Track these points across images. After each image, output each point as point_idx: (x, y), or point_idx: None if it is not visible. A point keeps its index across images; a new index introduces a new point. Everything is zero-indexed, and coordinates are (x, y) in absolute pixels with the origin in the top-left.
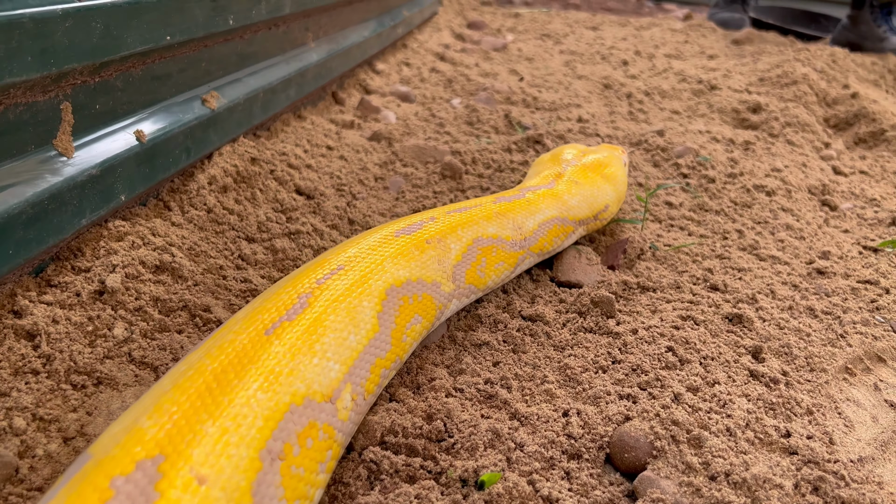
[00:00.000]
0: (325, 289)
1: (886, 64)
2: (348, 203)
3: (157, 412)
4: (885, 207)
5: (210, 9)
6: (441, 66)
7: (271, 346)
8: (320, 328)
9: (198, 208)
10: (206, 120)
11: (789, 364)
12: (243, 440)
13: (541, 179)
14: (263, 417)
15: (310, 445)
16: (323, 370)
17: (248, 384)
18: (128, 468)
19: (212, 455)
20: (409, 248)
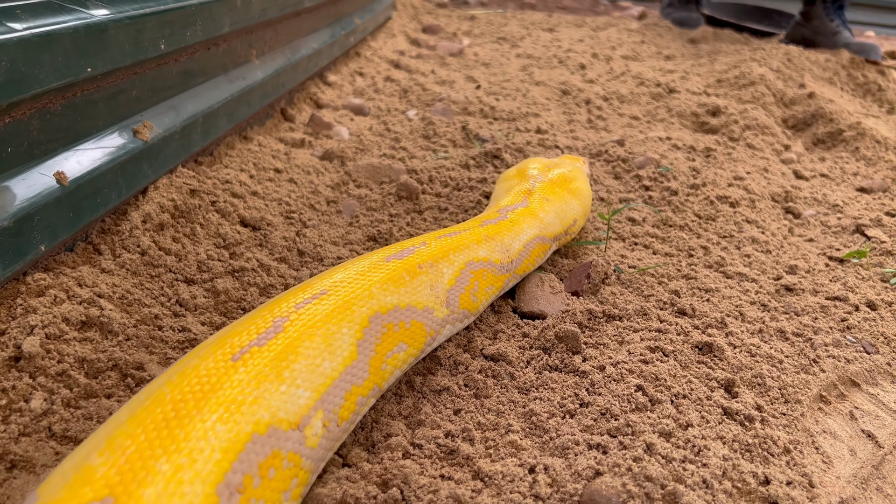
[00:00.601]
0: (303, 314)
1: (840, 60)
2: (298, 232)
3: (109, 448)
4: (847, 213)
5: (136, 35)
6: (396, 74)
7: (235, 374)
8: (292, 354)
9: (131, 251)
10: (138, 153)
11: (763, 396)
12: (199, 476)
13: (513, 197)
14: (222, 450)
15: (272, 476)
16: (290, 397)
17: (207, 415)
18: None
19: (164, 495)
20: (399, 274)
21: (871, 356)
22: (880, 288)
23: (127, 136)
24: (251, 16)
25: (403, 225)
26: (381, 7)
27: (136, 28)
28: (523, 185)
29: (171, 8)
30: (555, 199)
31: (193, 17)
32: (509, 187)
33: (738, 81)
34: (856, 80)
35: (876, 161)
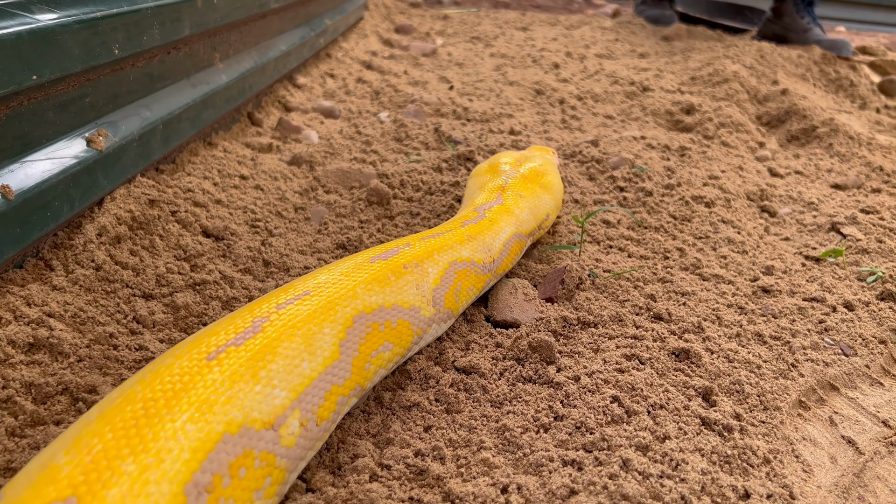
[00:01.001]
0: (283, 314)
1: (812, 56)
2: (263, 241)
3: (75, 447)
4: (822, 211)
5: (88, 40)
6: (368, 75)
7: (209, 373)
8: (270, 354)
9: (85, 266)
10: (92, 163)
11: (742, 404)
12: (166, 476)
13: (488, 194)
14: (191, 449)
15: (243, 475)
16: (265, 397)
17: (178, 415)
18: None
19: (129, 495)
20: (384, 274)
21: (850, 358)
22: (857, 287)
23: (80, 146)
24: (214, 18)
25: (374, 231)
26: (353, 7)
27: (86, 33)
28: (496, 180)
29: (124, 11)
30: (528, 194)
31: (150, 21)
32: (482, 183)
33: (712, 79)
34: (828, 76)
35: (849, 157)
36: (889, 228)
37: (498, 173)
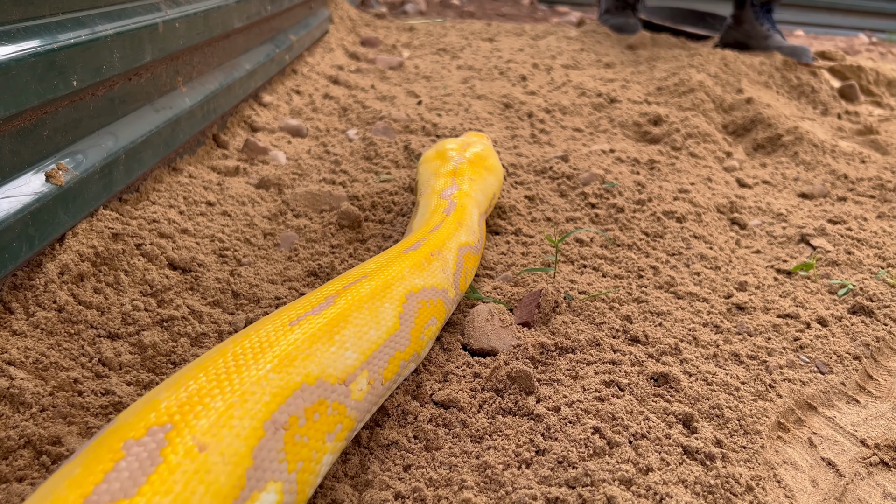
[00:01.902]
0: (350, 293)
1: (774, 62)
2: (232, 272)
3: (175, 387)
4: (791, 223)
5: (43, 73)
6: (335, 90)
7: (291, 334)
8: (342, 322)
9: (46, 308)
10: (52, 199)
11: (722, 429)
12: (248, 413)
13: (444, 181)
14: (271, 394)
15: (316, 419)
16: (339, 357)
17: (262, 365)
18: (140, 433)
19: (215, 426)
20: (419, 261)
21: (826, 376)
22: (829, 301)
23: (39, 182)
24: (176, 42)
25: (346, 256)
26: (318, 21)
27: (42, 65)
28: (447, 166)
29: (82, 41)
30: (478, 178)
31: (109, 49)
32: (435, 169)
33: (678, 89)
34: (790, 83)
35: (815, 165)
36: (857, 239)
37: (447, 159)
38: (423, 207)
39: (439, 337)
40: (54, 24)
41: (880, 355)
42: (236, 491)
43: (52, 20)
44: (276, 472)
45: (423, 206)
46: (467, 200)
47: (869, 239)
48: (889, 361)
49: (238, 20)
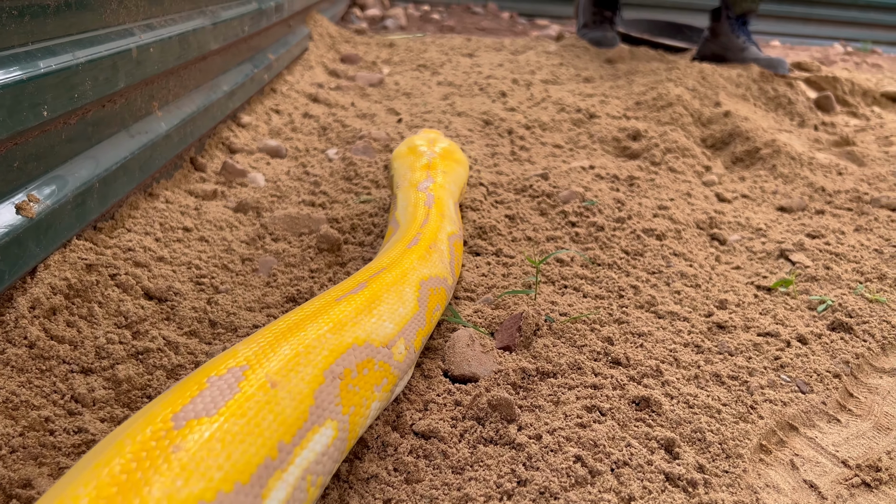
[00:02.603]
0: (376, 280)
1: (750, 74)
2: (209, 300)
3: (250, 341)
4: (770, 237)
5: (11, 105)
6: (315, 109)
7: (339, 307)
8: (377, 301)
9: (17, 344)
10: (22, 232)
11: (704, 454)
12: (311, 363)
13: (419, 173)
14: (329, 350)
15: (366, 373)
16: (380, 326)
17: (322, 327)
18: (221, 371)
19: (284, 369)
20: (423, 254)
21: (807, 395)
22: (809, 318)
23: (9, 214)
24: (150, 67)
25: (325, 281)
26: (297, 39)
27: (9, 98)
28: (421, 160)
29: (52, 70)
30: (450, 171)
31: (80, 77)
32: (410, 164)
33: (657, 103)
34: (767, 95)
35: (793, 178)
36: (835, 253)
37: (419, 154)
38: (404, 200)
39: (420, 363)
40: (24, 53)
41: (860, 372)
42: (300, 422)
43: (22, 50)
44: (333, 412)
45: (402, 199)
46: (443, 192)
47: (847, 253)
48: (869, 378)
49: (215, 42)
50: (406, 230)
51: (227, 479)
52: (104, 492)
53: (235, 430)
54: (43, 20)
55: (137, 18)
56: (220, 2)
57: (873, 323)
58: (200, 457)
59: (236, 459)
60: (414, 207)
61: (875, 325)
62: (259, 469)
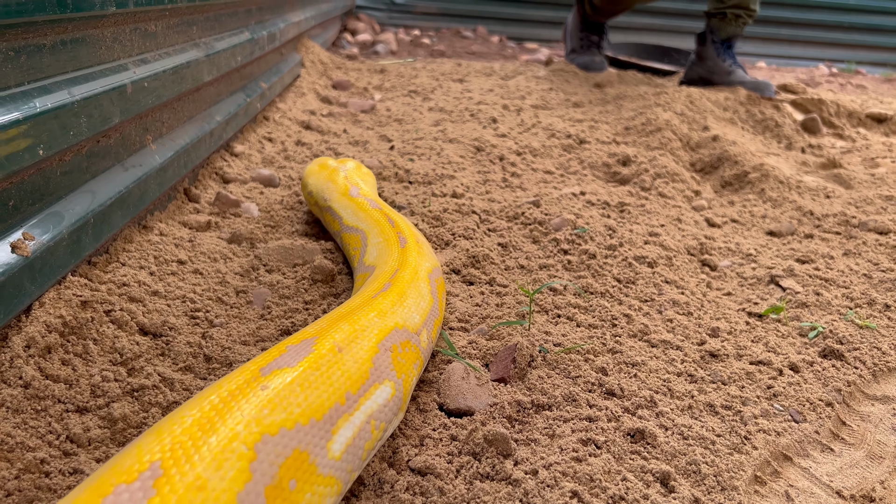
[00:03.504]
0: (398, 279)
1: (738, 97)
2: (204, 334)
3: (316, 324)
4: (760, 263)
5: (6, 146)
6: (307, 136)
7: (376, 301)
8: (403, 297)
9: (12, 385)
10: (18, 271)
11: (699, 486)
12: (366, 337)
13: (345, 184)
14: (379, 329)
15: (406, 350)
16: (410, 317)
17: (369, 313)
18: (296, 343)
19: (346, 339)
20: (418, 249)
21: (800, 425)
22: (800, 345)
23: (4, 254)
24: (145, 101)
25: (319, 313)
26: (289, 67)
27: (5, 138)
28: (338, 174)
29: (48, 109)
30: (366, 182)
31: (76, 115)
32: (328, 176)
33: (646, 128)
34: (754, 118)
35: (781, 202)
36: (824, 279)
37: (333, 169)
38: (346, 208)
39: (415, 396)
40: (20, 94)
41: (852, 400)
42: (363, 380)
43: (19, 90)
44: (389, 375)
45: (342, 206)
46: (372, 195)
47: (836, 279)
48: (861, 406)
49: (208, 74)
50: (382, 234)
51: (303, 415)
52: (206, 413)
53: (312, 379)
54: (39, 59)
55: (132, 53)
56: (213, 33)
57: (864, 349)
58: (283, 395)
59: (312, 401)
60: (364, 212)
61: (866, 352)
62: (330, 411)
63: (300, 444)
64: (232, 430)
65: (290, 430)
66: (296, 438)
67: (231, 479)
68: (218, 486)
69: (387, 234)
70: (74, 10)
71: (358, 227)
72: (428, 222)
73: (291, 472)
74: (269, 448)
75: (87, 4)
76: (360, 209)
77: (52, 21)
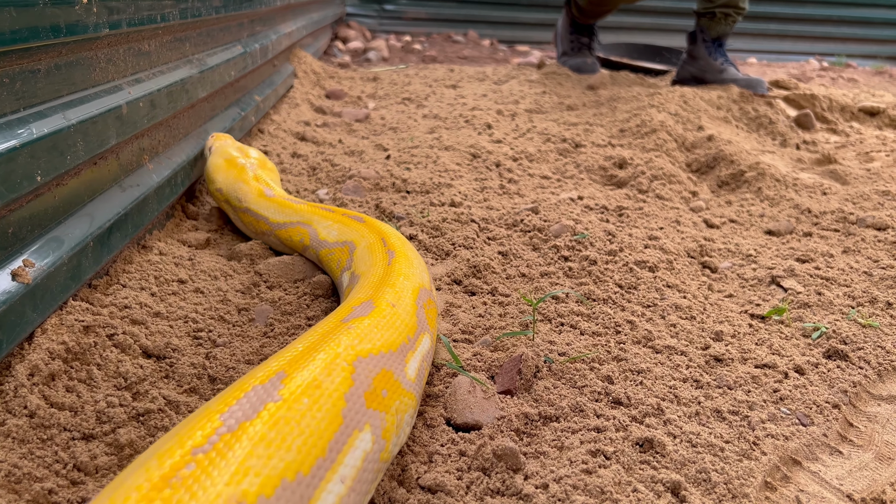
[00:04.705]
0: (393, 265)
1: (730, 95)
2: (207, 354)
3: (367, 290)
4: (761, 263)
5: (7, 174)
6: (303, 148)
7: (393, 269)
8: (404, 271)
9: (17, 414)
10: (19, 298)
11: (710, 494)
12: (407, 296)
13: (253, 181)
14: (411, 290)
15: (431, 307)
16: (420, 280)
17: (397, 277)
18: (358, 304)
19: (395, 298)
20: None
21: (807, 428)
22: (804, 346)
23: (5, 282)
24: (140, 121)
25: None
26: (282, 78)
27: (3, 166)
28: (246, 172)
29: (45, 135)
30: (270, 173)
31: (73, 139)
32: (237, 174)
33: (640, 130)
34: (748, 115)
35: (778, 200)
36: (825, 278)
37: (239, 165)
38: (270, 209)
39: (422, 412)
40: (16, 120)
41: (858, 401)
42: (413, 331)
43: (15, 117)
44: (427, 329)
45: (264, 206)
46: (279, 191)
47: (837, 277)
48: (867, 406)
49: (203, 90)
50: (381, 247)
51: (383, 347)
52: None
53: (382, 324)
54: (34, 84)
55: (126, 73)
56: (206, 49)
57: (868, 349)
58: (366, 331)
59: (386, 338)
60: (297, 210)
61: (870, 352)
62: (400, 347)
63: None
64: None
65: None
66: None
67: (339, 382)
68: (329, 386)
69: (340, 220)
70: (68, 35)
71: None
72: (427, 232)
73: (382, 384)
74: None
75: (81, 28)
76: (297, 209)
77: (47, 46)
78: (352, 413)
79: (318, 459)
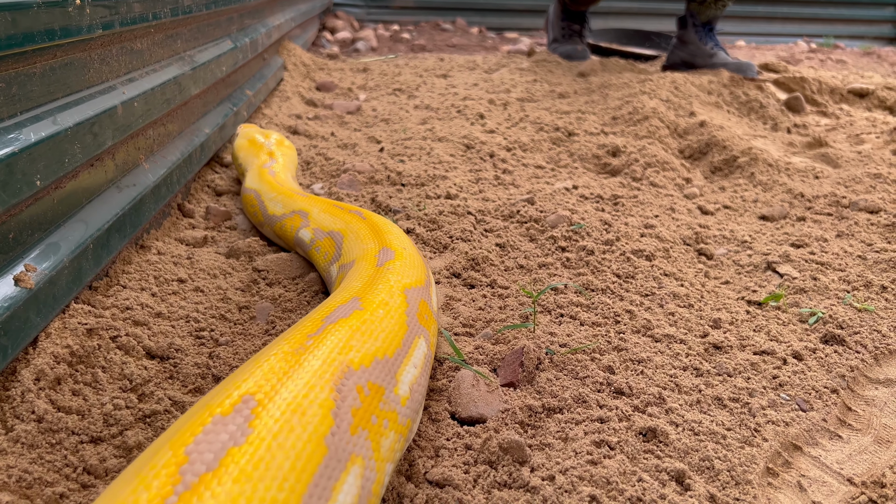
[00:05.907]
0: (392, 262)
1: (721, 80)
2: (210, 354)
3: (361, 288)
4: (756, 249)
5: (7, 179)
6: (295, 142)
7: (385, 269)
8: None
9: (25, 420)
10: (22, 303)
11: (714, 482)
12: (395, 293)
13: (265, 157)
14: (399, 287)
15: (423, 308)
16: (417, 279)
17: (388, 276)
18: (346, 300)
19: (385, 296)
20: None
21: (807, 413)
22: (801, 332)
23: (8, 288)
24: (136, 121)
25: None
26: (272, 71)
27: (3, 172)
28: (263, 150)
29: (42, 138)
30: (286, 153)
31: (70, 142)
32: (255, 151)
33: (633, 117)
34: (739, 100)
35: (771, 185)
36: (820, 262)
37: (260, 144)
38: (260, 182)
39: (427, 406)
40: (13, 125)
41: (856, 385)
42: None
43: (12, 122)
44: (422, 331)
45: (258, 179)
46: (286, 171)
47: (832, 262)
48: (865, 390)
49: (195, 87)
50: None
51: (390, 343)
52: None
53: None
54: (29, 88)
55: (119, 73)
56: (197, 45)
57: (864, 333)
58: (369, 328)
59: (387, 336)
60: (287, 194)
61: (866, 336)
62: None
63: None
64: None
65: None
66: None
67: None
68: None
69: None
70: (63, 37)
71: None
72: (424, 226)
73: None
74: None
75: (75, 30)
76: (288, 193)
77: (42, 49)
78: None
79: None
